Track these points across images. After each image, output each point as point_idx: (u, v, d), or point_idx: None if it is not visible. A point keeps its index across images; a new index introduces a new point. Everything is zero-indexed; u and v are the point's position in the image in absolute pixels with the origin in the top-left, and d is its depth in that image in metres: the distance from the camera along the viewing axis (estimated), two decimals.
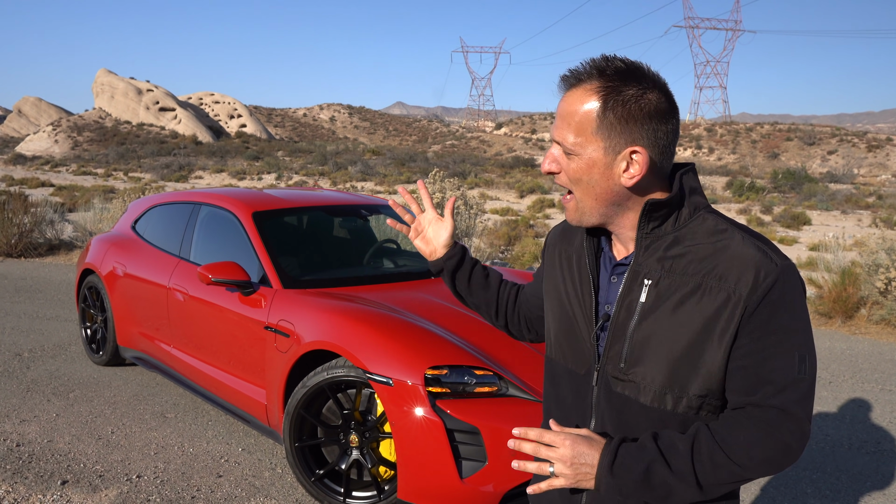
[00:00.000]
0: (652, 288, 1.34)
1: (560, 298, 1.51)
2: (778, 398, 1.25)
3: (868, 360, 6.42)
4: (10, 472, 3.74)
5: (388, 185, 33.48)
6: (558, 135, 1.35)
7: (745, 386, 1.28)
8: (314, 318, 3.60)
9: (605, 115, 1.28)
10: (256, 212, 4.43)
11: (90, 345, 5.77)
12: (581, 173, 1.34)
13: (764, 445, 1.25)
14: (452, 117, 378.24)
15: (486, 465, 3.03)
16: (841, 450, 4.34)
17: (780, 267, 1.27)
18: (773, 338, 1.26)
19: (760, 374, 1.26)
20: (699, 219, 1.35)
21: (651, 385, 1.33)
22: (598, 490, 1.29)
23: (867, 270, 7.94)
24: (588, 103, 1.30)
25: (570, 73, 1.34)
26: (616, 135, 1.29)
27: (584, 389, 1.43)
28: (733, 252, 1.29)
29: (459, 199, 11.54)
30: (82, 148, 71.16)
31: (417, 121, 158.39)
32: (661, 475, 1.26)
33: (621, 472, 1.27)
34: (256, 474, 3.81)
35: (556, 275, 1.54)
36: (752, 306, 1.26)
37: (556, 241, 1.60)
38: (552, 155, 1.37)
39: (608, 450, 1.29)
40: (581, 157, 1.33)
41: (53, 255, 11.29)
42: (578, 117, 1.31)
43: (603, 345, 1.39)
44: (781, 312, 1.26)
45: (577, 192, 1.36)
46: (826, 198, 30.07)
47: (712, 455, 1.26)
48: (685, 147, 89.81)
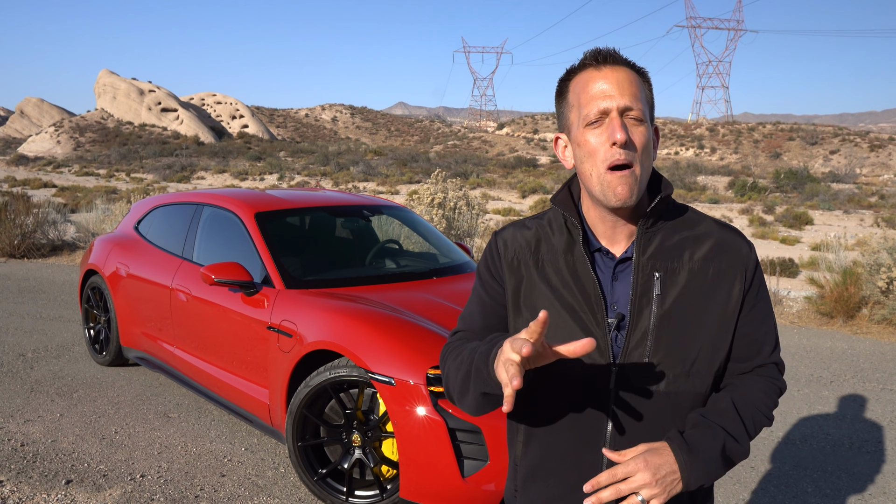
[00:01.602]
0: (663, 279, 1.38)
1: (555, 309, 1.40)
2: (773, 355, 1.47)
3: (869, 359, 6.42)
4: (15, 471, 3.76)
5: (390, 186, 33.49)
6: (626, 100, 1.31)
7: (750, 352, 1.45)
8: (317, 318, 3.61)
9: (645, 89, 1.38)
10: (259, 212, 4.45)
11: (93, 345, 5.80)
12: (648, 142, 1.35)
13: (773, 394, 1.46)
14: (454, 117, 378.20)
15: (488, 464, 3.05)
16: (842, 449, 4.35)
17: (751, 244, 1.46)
18: (761, 304, 1.45)
19: (758, 338, 1.45)
20: (676, 208, 1.46)
21: (674, 372, 1.37)
22: (688, 487, 1.29)
23: (869, 270, 7.94)
24: (635, 76, 1.36)
25: (611, 52, 1.37)
26: (650, 108, 1.39)
27: (597, 395, 1.38)
28: (722, 237, 1.44)
29: (461, 198, 11.55)
30: (84, 149, 71.25)
31: (419, 121, 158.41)
32: (730, 447, 1.36)
33: (701, 464, 1.31)
34: (259, 473, 3.83)
35: (542, 289, 1.43)
36: (749, 281, 1.42)
37: (523, 255, 1.47)
38: (618, 123, 1.31)
39: (679, 448, 1.30)
40: (646, 125, 1.34)
41: (56, 256, 11.32)
42: (636, 86, 1.34)
43: (619, 345, 1.37)
44: (761, 281, 1.46)
45: (644, 163, 1.34)
46: (828, 197, 30.05)
47: (753, 416, 1.41)
48: (687, 147, 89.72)
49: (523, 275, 1.46)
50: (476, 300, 1.53)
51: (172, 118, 78.29)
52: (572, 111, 1.38)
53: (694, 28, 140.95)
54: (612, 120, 1.31)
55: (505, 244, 1.50)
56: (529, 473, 1.48)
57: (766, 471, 4.01)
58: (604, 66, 1.34)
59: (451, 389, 1.45)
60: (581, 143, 1.36)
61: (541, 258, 1.45)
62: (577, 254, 1.42)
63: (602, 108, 1.32)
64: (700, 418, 1.37)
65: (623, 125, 1.30)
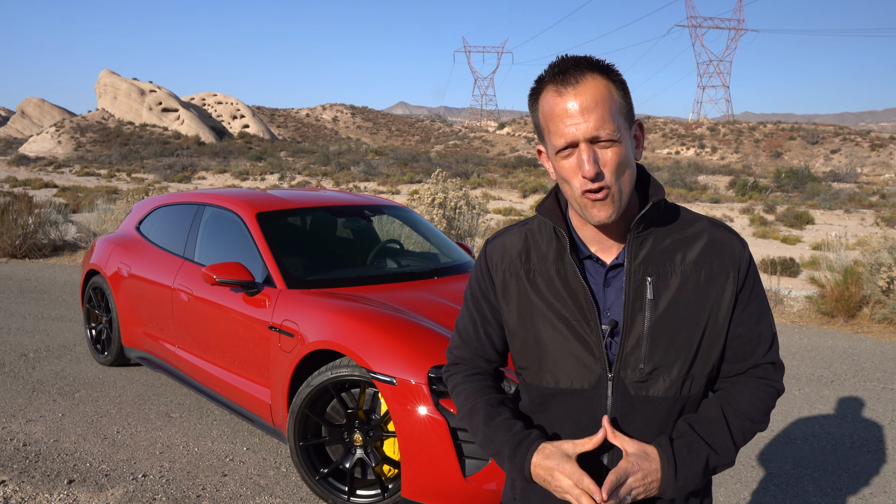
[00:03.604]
0: (655, 283, 1.37)
1: (548, 319, 1.41)
2: (770, 354, 1.44)
3: (870, 358, 6.43)
4: (17, 471, 3.77)
5: (391, 186, 33.50)
6: (594, 128, 1.26)
7: (744, 352, 1.42)
8: (318, 317, 3.62)
9: (617, 95, 1.31)
10: (260, 212, 4.45)
11: (95, 345, 5.80)
12: (625, 158, 1.29)
13: (768, 398, 1.43)
14: (455, 117, 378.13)
15: (490, 464, 3.05)
16: (843, 448, 4.35)
17: (744, 242, 1.43)
18: (755, 303, 1.42)
19: (753, 337, 1.42)
20: (669, 210, 1.43)
21: (670, 377, 1.37)
22: (661, 496, 1.35)
23: (870, 269, 7.93)
24: (601, 88, 1.28)
25: (571, 65, 1.29)
26: (626, 112, 1.32)
27: (595, 403, 1.39)
28: (714, 237, 1.41)
29: (462, 198, 11.55)
30: (85, 149, 71.31)
31: (420, 121, 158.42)
32: (713, 461, 1.37)
33: (682, 479, 1.34)
34: (261, 473, 3.84)
35: (534, 299, 1.43)
36: (742, 280, 1.40)
37: (514, 267, 1.46)
38: (587, 156, 1.27)
39: (668, 463, 1.33)
40: (620, 142, 1.28)
41: (58, 256, 11.33)
42: (603, 103, 1.27)
43: (615, 352, 1.37)
44: (755, 280, 1.43)
45: (622, 180, 1.30)
46: (829, 197, 30.04)
47: (742, 426, 1.40)
48: (688, 146, 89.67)
49: (515, 288, 1.46)
50: (468, 315, 1.56)
51: (173, 118, 78.32)
52: (543, 134, 1.36)
53: (695, 27, 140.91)
54: (581, 152, 1.28)
55: (496, 261, 1.50)
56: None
57: (767, 470, 4.02)
58: (566, 89, 1.28)
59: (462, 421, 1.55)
60: (556, 167, 1.34)
61: (532, 268, 1.45)
62: (566, 262, 1.41)
63: (568, 139, 1.28)
64: (687, 429, 1.37)
65: (593, 156, 1.27)
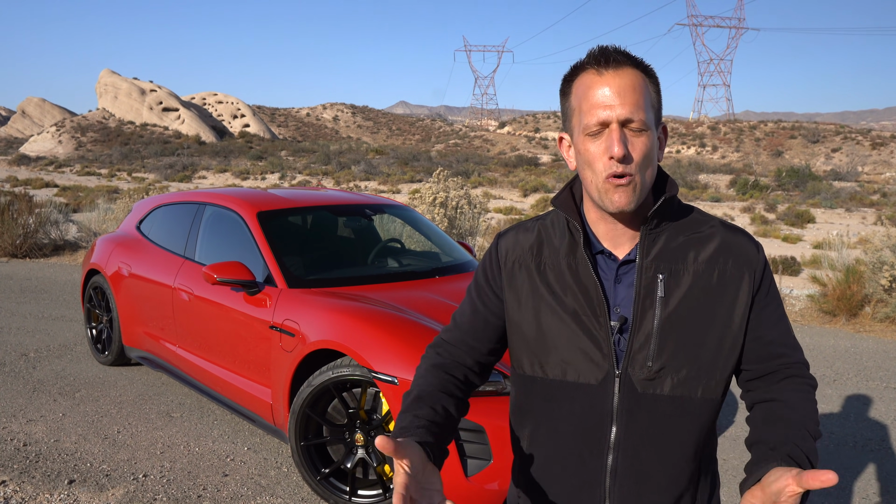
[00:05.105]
0: (667, 281, 1.35)
1: (556, 313, 1.39)
2: (796, 354, 1.42)
3: (872, 357, 6.41)
4: (18, 471, 3.76)
5: (392, 185, 33.51)
6: (627, 111, 1.27)
7: (768, 353, 1.40)
8: (319, 317, 3.61)
9: (651, 90, 1.33)
10: (261, 212, 4.44)
11: (96, 345, 5.80)
12: (650, 150, 1.31)
13: (812, 395, 1.40)
14: (455, 116, 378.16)
15: (491, 464, 3.04)
16: (845, 448, 4.34)
17: (759, 245, 1.43)
18: (773, 304, 1.41)
19: (774, 338, 1.40)
20: (681, 209, 1.43)
21: (680, 377, 1.34)
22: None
23: (871, 268, 7.92)
24: (639, 79, 1.30)
25: (614, 52, 1.31)
26: (656, 111, 1.34)
27: (601, 399, 1.37)
28: (727, 238, 1.40)
29: (463, 197, 11.54)
30: (86, 148, 71.35)
31: (420, 120, 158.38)
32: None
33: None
34: (262, 473, 3.83)
35: (543, 292, 1.42)
36: (758, 282, 1.39)
37: (525, 260, 1.45)
38: (617, 136, 1.27)
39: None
40: (648, 133, 1.30)
41: (58, 256, 11.33)
42: (639, 92, 1.29)
43: (623, 349, 1.36)
44: (771, 282, 1.42)
45: (645, 172, 1.31)
46: (830, 196, 30.03)
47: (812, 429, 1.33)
48: (689, 145, 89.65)
49: (525, 279, 1.44)
50: (469, 302, 1.55)
51: (174, 118, 78.36)
52: (574, 115, 1.35)
53: (695, 26, 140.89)
54: (612, 132, 1.28)
55: (506, 251, 1.49)
56: (533, 478, 1.46)
57: None
58: (606, 70, 1.29)
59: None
60: (581, 150, 1.33)
61: (543, 261, 1.44)
62: (578, 256, 1.40)
63: (602, 118, 1.28)
64: (796, 450, 1.26)
65: (622, 138, 1.27)
